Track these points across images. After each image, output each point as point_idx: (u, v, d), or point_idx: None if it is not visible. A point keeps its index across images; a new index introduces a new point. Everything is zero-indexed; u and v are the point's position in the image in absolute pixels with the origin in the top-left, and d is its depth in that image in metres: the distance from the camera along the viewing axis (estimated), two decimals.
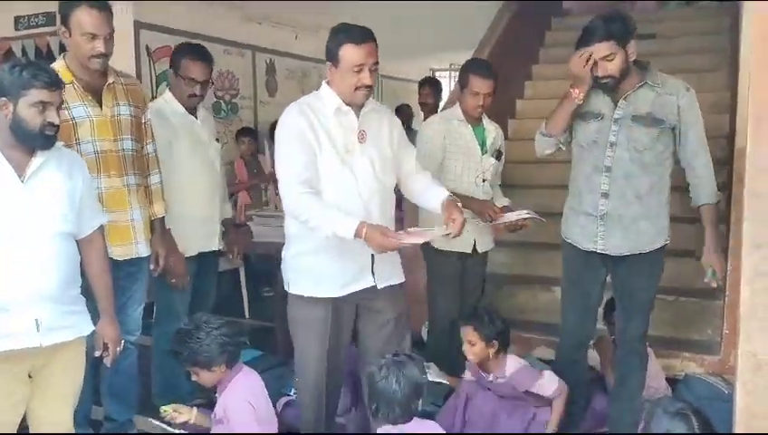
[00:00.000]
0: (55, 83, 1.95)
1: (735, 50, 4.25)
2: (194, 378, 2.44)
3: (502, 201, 3.25)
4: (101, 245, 2.22)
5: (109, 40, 2.41)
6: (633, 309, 2.64)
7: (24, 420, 2.14)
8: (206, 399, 2.81)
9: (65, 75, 2.37)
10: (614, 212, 2.56)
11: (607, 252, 2.61)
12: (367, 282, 2.37)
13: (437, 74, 9.35)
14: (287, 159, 2.26)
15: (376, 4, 6.01)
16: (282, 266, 2.47)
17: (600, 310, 2.91)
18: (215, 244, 3.00)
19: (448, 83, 8.73)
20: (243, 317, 4.67)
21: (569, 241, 2.72)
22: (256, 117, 6.21)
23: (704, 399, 2.85)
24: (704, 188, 2.50)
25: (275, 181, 2.56)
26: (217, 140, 3.10)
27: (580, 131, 2.64)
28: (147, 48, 5.11)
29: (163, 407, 2.44)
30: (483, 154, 3.15)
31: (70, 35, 2.39)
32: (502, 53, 5.20)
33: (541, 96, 5.45)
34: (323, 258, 2.31)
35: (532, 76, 5.97)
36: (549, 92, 5.27)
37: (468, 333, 2.65)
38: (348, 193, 2.28)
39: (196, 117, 2.95)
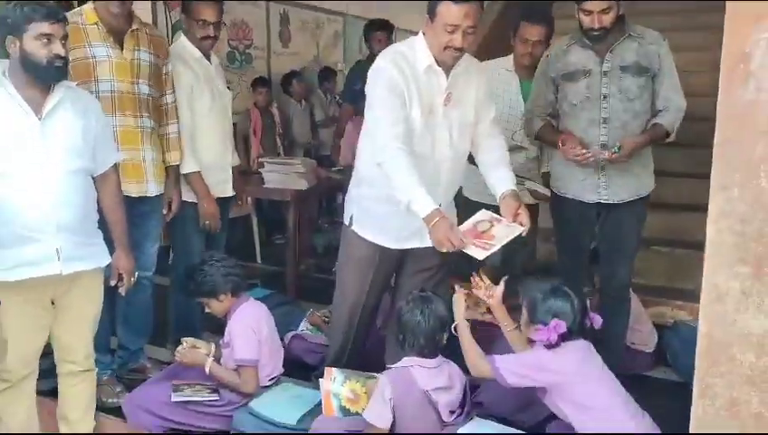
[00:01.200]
0: (54, 15, 2.05)
1: None
2: (207, 310, 2.62)
3: (543, 190, 3.07)
4: (115, 181, 2.37)
5: None
6: (622, 256, 2.77)
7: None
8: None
9: (90, 17, 2.55)
10: (613, 163, 2.64)
11: (609, 201, 2.71)
12: (422, 241, 2.33)
13: None
14: (384, 109, 2.22)
15: None
16: (346, 199, 2.58)
17: None
18: (229, 190, 3.12)
19: None
20: (255, 262, 4.84)
21: (566, 195, 2.80)
22: (269, 67, 6.27)
23: (689, 342, 2.97)
24: (665, 117, 2.61)
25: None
26: (229, 87, 3.19)
27: (570, 91, 2.71)
28: None
29: (183, 338, 2.61)
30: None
31: None
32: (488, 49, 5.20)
33: None
34: (387, 210, 2.33)
35: None
36: None
37: None
38: (422, 156, 2.26)
39: (210, 62, 3.02)
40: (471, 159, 2.50)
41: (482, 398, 2.46)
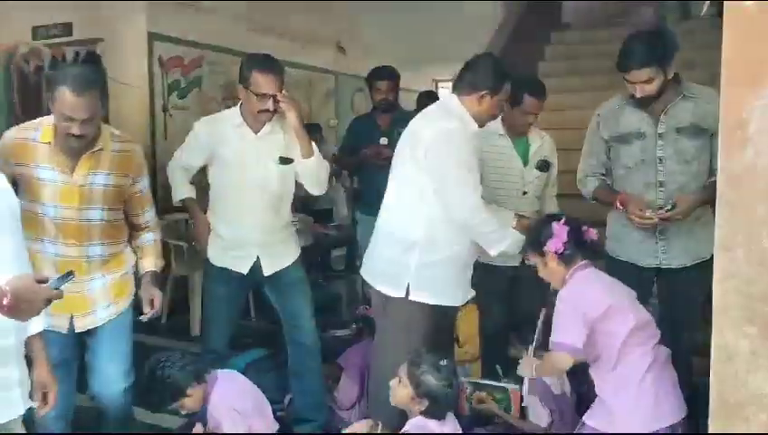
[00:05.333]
0: None
1: None
2: (183, 412, 2.52)
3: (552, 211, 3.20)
4: None
5: (88, 123, 2.21)
6: (681, 324, 2.66)
7: None
8: None
9: (46, 135, 2.31)
10: (672, 225, 2.59)
11: (669, 265, 2.65)
12: (471, 293, 2.62)
13: (440, 84, 9.50)
14: (470, 172, 2.42)
15: (380, 15, 6.18)
16: (393, 270, 2.51)
17: None
18: (241, 266, 3.03)
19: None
20: (249, 318, 4.79)
21: (620, 258, 2.76)
22: None
23: None
24: None
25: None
26: (285, 159, 2.94)
27: (624, 154, 2.67)
28: (159, 58, 5.26)
29: None
30: (525, 166, 3.14)
31: (53, 105, 2.21)
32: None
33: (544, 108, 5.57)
34: (453, 269, 2.50)
35: None
36: (549, 106, 5.39)
37: None
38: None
39: (256, 133, 2.89)
40: None
41: None
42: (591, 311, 2.17)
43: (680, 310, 2.66)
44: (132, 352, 2.56)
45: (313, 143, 2.92)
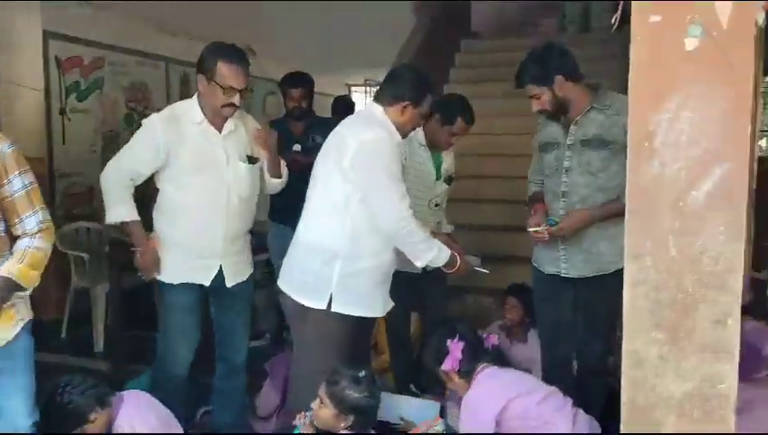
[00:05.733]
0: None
1: (625, 75, 4.60)
2: None
3: (446, 228, 3.33)
4: None
5: None
6: (592, 333, 2.71)
7: None
8: None
9: None
10: (575, 236, 2.62)
11: (569, 275, 2.68)
12: (391, 303, 2.58)
13: (353, 89, 9.51)
14: (397, 182, 2.39)
15: (292, 17, 6.10)
16: (313, 281, 2.44)
17: None
18: (202, 278, 2.79)
19: (363, 99, 8.89)
20: (156, 331, 4.58)
21: (535, 265, 2.84)
22: None
23: None
24: None
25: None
26: (252, 158, 2.80)
27: (545, 162, 2.75)
28: (56, 58, 4.97)
29: None
30: (437, 180, 3.21)
31: None
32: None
33: None
34: (375, 280, 2.47)
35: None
36: None
37: None
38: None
39: (220, 131, 2.70)
40: None
41: None
42: (491, 411, 2.30)
43: (587, 319, 2.72)
44: (35, 382, 2.22)
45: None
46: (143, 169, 2.64)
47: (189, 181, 2.62)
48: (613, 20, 1.68)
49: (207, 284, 2.73)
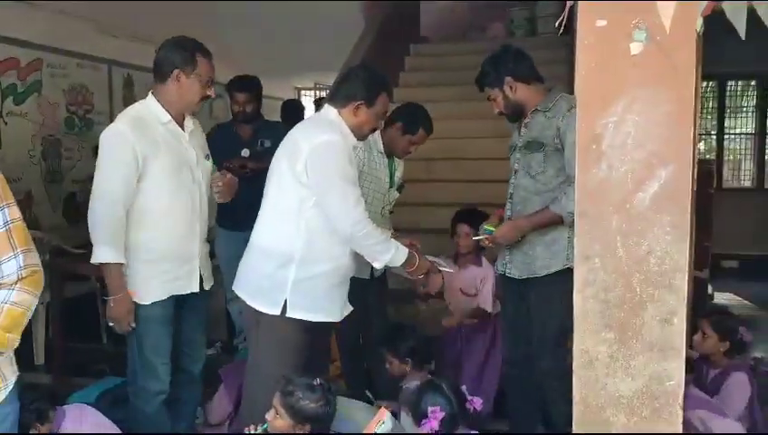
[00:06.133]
0: None
1: (572, 79, 4.70)
2: None
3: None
4: None
5: None
6: (537, 337, 2.67)
7: None
8: None
9: None
10: (511, 242, 2.65)
11: (511, 275, 2.71)
12: (349, 308, 2.54)
13: (302, 93, 9.46)
14: (350, 183, 2.35)
15: (241, 20, 6.02)
16: (268, 286, 2.38)
17: None
18: (192, 286, 2.64)
19: (312, 102, 8.84)
20: (100, 343, 4.44)
21: (494, 264, 2.89)
22: None
23: None
24: (559, 200, 2.51)
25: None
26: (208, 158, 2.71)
27: (511, 165, 2.77)
28: None
29: None
30: (390, 187, 3.20)
31: None
32: None
33: None
34: (332, 283, 2.42)
35: (393, 100, 6.22)
36: None
37: None
38: None
39: (183, 129, 2.60)
40: None
41: None
42: None
43: (537, 320, 2.69)
44: None
45: None
46: (131, 189, 2.42)
47: (167, 185, 2.48)
48: (557, 23, 1.70)
49: (197, 290, 2.61)
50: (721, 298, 5.95)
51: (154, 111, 2.51)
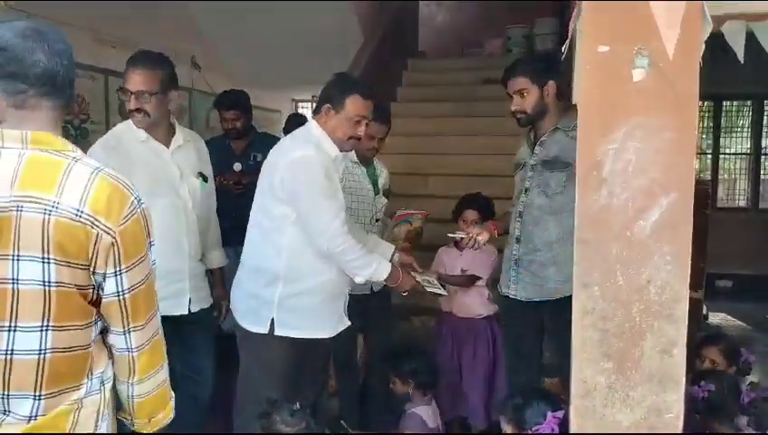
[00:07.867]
0: None
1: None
2: None
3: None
4: None
5: None
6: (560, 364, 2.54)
7: None
8: None
9: None
10: (524, 258, 2.60)
11: (518, 297, 2.63)
12: (345, 323, 2.50)
13: (299, 105, 9.44)
14: (330, 199, 2.32)
15: (237, 33, 6.01)
16: (256, 305, 2.37)
17: None
18: (181, 307, 2.58)
19: (310, 114, 8.84)
20: None
21: (498, 286, 2.80)
22: None
23: None
24: None
25: None
26: (203, 175, 2.71)
27: (515, 183, 2.72)
28: None
29: None
30: (375, 195, 3.17)
31: None
32: None
33: (401, 133, 5.68)
34: (319, 299, 2.39)
35: (392, 114, 6.22)
36: (409, 130, 5.52)
37: None
38: None
39: (168, 146, 2.59)
40: None
41: None
42: None
43: (552, 344, 2.66)
44: None
45: None
46: None
47: (149, 202, 2.43)
48: (563, 48, 1.68)
49: (186, 311, 2.54)
50: (715, 318, 5.93)
51: (126, 129, 2.54)
